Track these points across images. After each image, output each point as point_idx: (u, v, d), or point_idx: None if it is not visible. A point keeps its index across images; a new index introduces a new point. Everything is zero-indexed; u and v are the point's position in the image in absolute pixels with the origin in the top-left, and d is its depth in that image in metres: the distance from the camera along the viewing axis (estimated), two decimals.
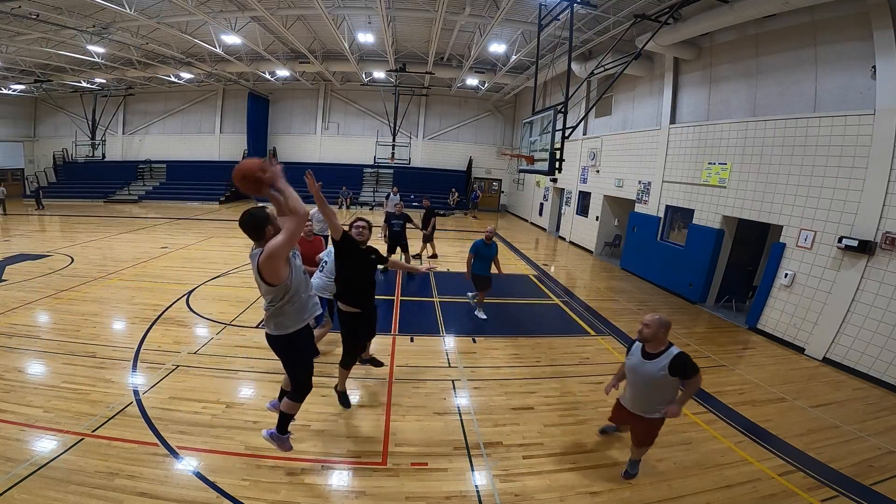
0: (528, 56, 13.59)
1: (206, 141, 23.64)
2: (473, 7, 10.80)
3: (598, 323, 7.42)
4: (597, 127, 14.22)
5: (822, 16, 6.69)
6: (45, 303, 6.96)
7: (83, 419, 3.92)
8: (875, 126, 5.84)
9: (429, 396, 4.74)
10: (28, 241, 11.80)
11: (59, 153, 23.49)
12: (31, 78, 18.91)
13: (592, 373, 5.53)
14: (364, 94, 22.59)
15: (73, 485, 3.14)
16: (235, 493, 3.17)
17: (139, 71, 17.79)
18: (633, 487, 3.50)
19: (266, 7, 10.72)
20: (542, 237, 16.64)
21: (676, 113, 10.19)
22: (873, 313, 5.76)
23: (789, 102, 7.30)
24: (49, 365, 4.97)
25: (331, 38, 14.70)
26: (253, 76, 20.06)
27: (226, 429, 3.94)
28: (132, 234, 13.25)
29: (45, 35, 12.94)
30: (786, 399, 5.15)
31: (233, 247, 11.97)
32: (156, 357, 5.25)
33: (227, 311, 6.89)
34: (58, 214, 17.03)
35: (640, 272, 10.92)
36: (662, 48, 9.42)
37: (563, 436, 4.15)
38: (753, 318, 7.52)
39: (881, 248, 5.71)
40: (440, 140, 23.79)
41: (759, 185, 7.61)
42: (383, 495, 3.28)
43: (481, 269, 6.92)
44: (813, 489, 3.58)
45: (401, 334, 6.38)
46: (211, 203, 21.00)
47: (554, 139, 7.97)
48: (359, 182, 23.31)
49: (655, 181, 10.52)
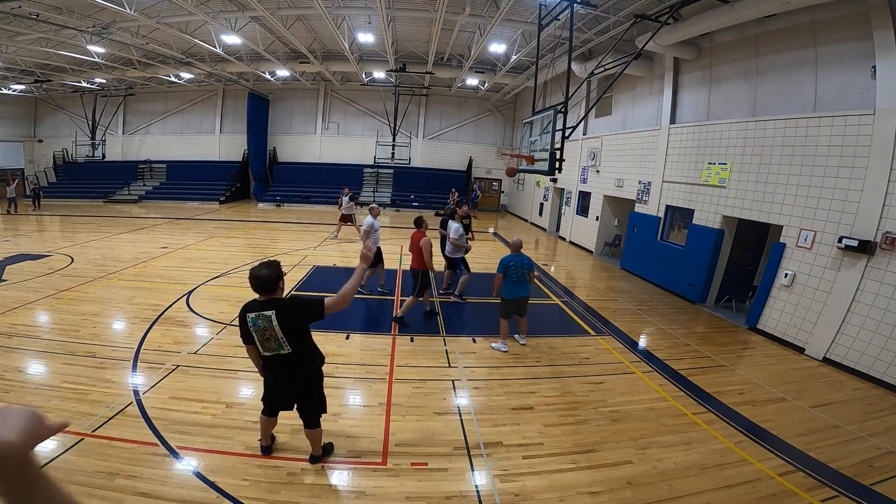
0: (528, 56, 13.58)
1: (206, 141, 23.64)
2: (473, 7, 10.79)
3: (598, 323, 7.42)
4: (597, 127, 14.22)
5: (822, 16, 6.69)
6: (45, 303, 6.96)
7: (83, 419, 3.91)
8: (875, 126, 5.84)
9: (429, 396, 4.74)
10: (28, 241, 11.80)
11: (59, 153, 23.49)
12: (31, 78, 18.90)
13: (592, 373, 5.54)
14: (364, 94, 22.59)
15: (73, 485, 3.14)
16: (235, 493, 3.17)
17: (139, 71, 17.78)
18: (633, 487, 3.51)
19: (266, 7, 10.71)
20: (542, 237, 16.63)
21: (676, 113, 10.19)
22: (873, 313, 5.76)
23: (789, 102, 7.30)
24: (49, 365, 4.97)
25: (331, 38, 14.70)
26: (253, 76, 20.05)
27: (226, 429, 3.94)
28: (132, 234, 13.25)
29: (45, 35, 12.93)
30: (786, 399, 5.15)
31: (233, 247, 11.98)
32: (156, 357, 5.25)
33: (227, 311, 6.89)
34: (58, 214, 17.03)
35: (640, 272, 10.92)
36: (662, 48, 9.42)
37: (563, 436, 4.15)
38: (753, 318, 7.52)
39: (881, 248, 5.71)
40: (440, 140, 23.78)
41: (759, 185, 7.61)
42: (383, 495, 3.28)
43: (512, 291, 5.79)
44: (813, 489, 3.58)
45: (401, 334, 6.38)
46: (211, 203, 20.99)
47: (554, 139, 7.96)
48: (359, 182, 23.31)
49: (655, 181, 10.51)
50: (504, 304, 5.91)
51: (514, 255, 5.76)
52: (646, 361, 5.98)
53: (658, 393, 5.12)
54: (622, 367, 5.79)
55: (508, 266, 5.67)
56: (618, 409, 4.71)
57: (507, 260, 5.72)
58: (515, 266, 5.69)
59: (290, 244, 12.62)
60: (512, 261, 5.70)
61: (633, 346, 6.56)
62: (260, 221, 17.05)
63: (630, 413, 4.63)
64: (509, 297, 5.82)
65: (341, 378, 5.01)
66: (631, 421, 4.48)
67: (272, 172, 23.26)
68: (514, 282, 5.74)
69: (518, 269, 5.70)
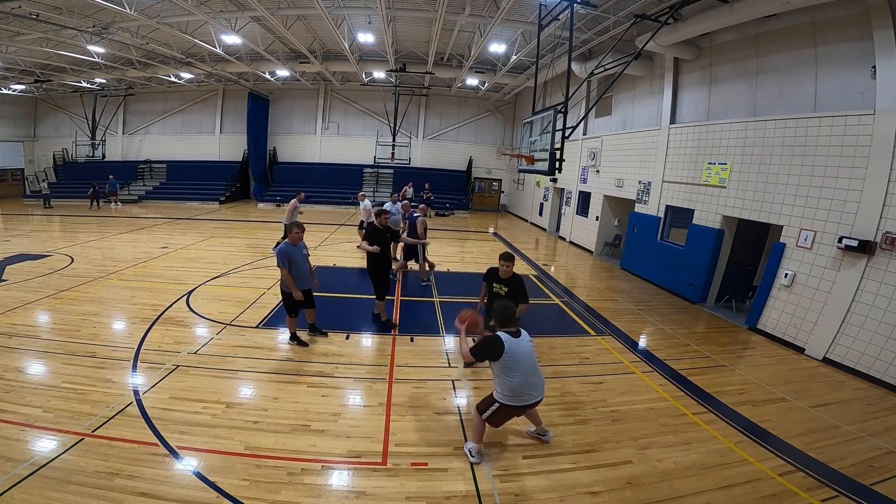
0: (528, 56, 13.58)
1: (206, 141, 23.64)
2: (473, 7, 10.79)
3: (598, 323, 7.42)
4: (597, 127, 14.22)
5: (822, 16, 6.69)
6: (45, 303, 6.96)
7: (83, 419, 3.92)
8: (875, 126, 5.84)
9: (429, 396, 4.74)
10: (28, 241, 11.80)
11: (59, 153, 23.49)
12: (31, 78, 18.91)
13: (592, 373, 5.54)
14: (364, 94, 22.59)
15: (73, 485, 3.14)
16: (235, 493, 3.17)
17: (139, 71, 17.79)
18: (633, 487, 3.51)
19: (266, 7, 10.71)
20: (542, 237, 16.63)
21: (676, 113, 10.19)
22: (873, 313, 5.75)
23: (789, 102, 7.30)
24: (49, 365, 4.97)
25: (331, 38, 14.70)
26: (253, 76, 20.05)
27: (226, 429, 3.94)
28: (132, 234, 13.25)
29: (45, 35, 12.93)
30: (786, 399, 5.15)
31: (233, 247, 11.98)
32: (156, 357, 5.25)
33: (226, 311, 6.89)
34: (58, 214, 17.02)
35: (640, 272, 10.92)
36: (662, 48, 9.41)
37: (562, 436, 4.15)
38: (753, 318, 7.52)
39: (881, 248, 5.70)
40: (440, 140, 23.78)
41: (759, 185, 7.61)
42: (383, 495, 3.28)
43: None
44: (813, 489, 3.58)
45: (401, 334, 6.38)
46: (211, 203, 20.99)
47: (554, 139, 7.96)
48: (359, 182, 23.31)
49: (655, 181, 10.51)
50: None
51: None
52: (646, 361, 5.98)
53: (658, 393, 5.12)
54: (622, 367, 5.79)
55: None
56: (618, 409, 4.71)
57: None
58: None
59: None
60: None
61: (633, 346, 6.56)
62: (260, 221, 17.06)
63: (630, 413, 4.63)
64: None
65: (341, 378, 5.01)
66: (631, 421, 4.47)
67: (272, 172, 23.26)
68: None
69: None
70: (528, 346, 3.54)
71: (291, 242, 5.42)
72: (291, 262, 5.34)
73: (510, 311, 3.58)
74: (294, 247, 5.43)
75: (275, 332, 6.22)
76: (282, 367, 5.23)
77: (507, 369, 3.41)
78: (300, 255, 5.48)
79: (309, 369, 5.17)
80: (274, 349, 5.73)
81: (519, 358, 3.41)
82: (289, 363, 5.33)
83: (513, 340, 3.43)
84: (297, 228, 5.47)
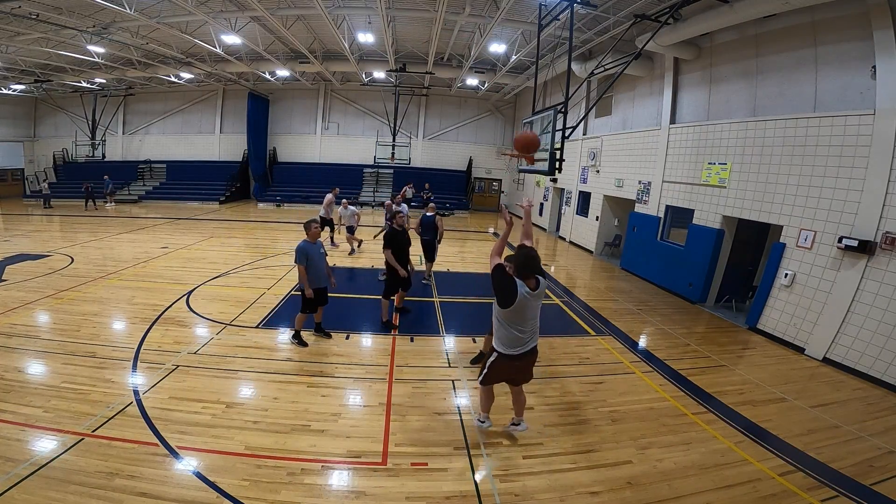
0: (528, 56, 13.58)
1: (206, 141, 23.63)
2: (473, 7, 10.79)
3: (598, 323, 7.42)
4: (597, 127, 14.22)
5: (822, 16, 6.69)
6: (45, 303, 6.96)
7: (83, 419, 3.92)
8: (875, 126, 5.84)
9: (429, 396, 4.74)
10: (28, 241, 11.80)
11: (59, 153, 23.48)
12: (31, 78, 18.90)
13: (592, 373, 5.54)
14: (364, 94, 22.58)
15: (73, 485, 3.14)
16: (235, 493, 3.17)
17: (139, 71, 17.78)
18: (633, 487, 3.50)
19: (266, 7, 10.71)
20: (542, 237, 16.63)
21: (676, 113, 10.19)
22: (873, 313, 5.75)
23: (789, 102, 7.30)
24: (49, 365, 4.97)
25: (331, 38, 14.70)
26: (253, 76, 20.04)
27: (226, 429, 3.94)
28: (132, 234, 13.25)
29: (45, 35, 12.93)
30: (786, 399, 5.15)
31: (233, 247, 11.98)
32: (156, 357, 5.25)
33: (226, 311, 6.89)
34: (58, 214, 17.02)
35: (640, 272, 10.91)
36: (662, 48, 9.41)
37: (563, 436, 4.15)
38: (753, 318, 7.51)
39: (881, 248, 5.70)
40: (440, 140, 23.78)
41: (759, 185, 7.61)
42: (383, 495, 3.28)
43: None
44: (813, 489, 3.57)
45: (401, 334, 6.38)
46: (211, 203, 20.99)
47: (554, 139, 7.96)
48: (359, 182, 23.31)
49: (655, 181, 10.51)
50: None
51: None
52: (646, 361, 5.98)
53: (658, 393, 5.12)
54: (622, 367, 5.79)
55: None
56: (618, 409, 4.71)
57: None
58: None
59: (291, 244, 12.53)
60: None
61: (633, 346, 6.56)
62: (260, 221, 17.05)
63: (630, 413, 4.63)
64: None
65: (341, 378, 5.01)
66: (631, 421, 4.47)
67: (272, 172, 23.25)
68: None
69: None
70: (540, 300, 3.59)
71: (310, 239, 5.50)
72: (309, 259, 5.41)
73: (533, 262, 3.40)
74: (312, 244, 5.49)
75: (275, 332, 6.22)
76: (282, 367, 5.23)
77: (509, 321, 3.53)
78: (318, 252, 5.56)
79: (309, 369, 5.17)
80: (274, 349, 5.73)
81: (526, 314, 3.51)
82: (289, 363, 5.34)
83: (526, 297, 3.42)
84: (315, 224, 5.56)
